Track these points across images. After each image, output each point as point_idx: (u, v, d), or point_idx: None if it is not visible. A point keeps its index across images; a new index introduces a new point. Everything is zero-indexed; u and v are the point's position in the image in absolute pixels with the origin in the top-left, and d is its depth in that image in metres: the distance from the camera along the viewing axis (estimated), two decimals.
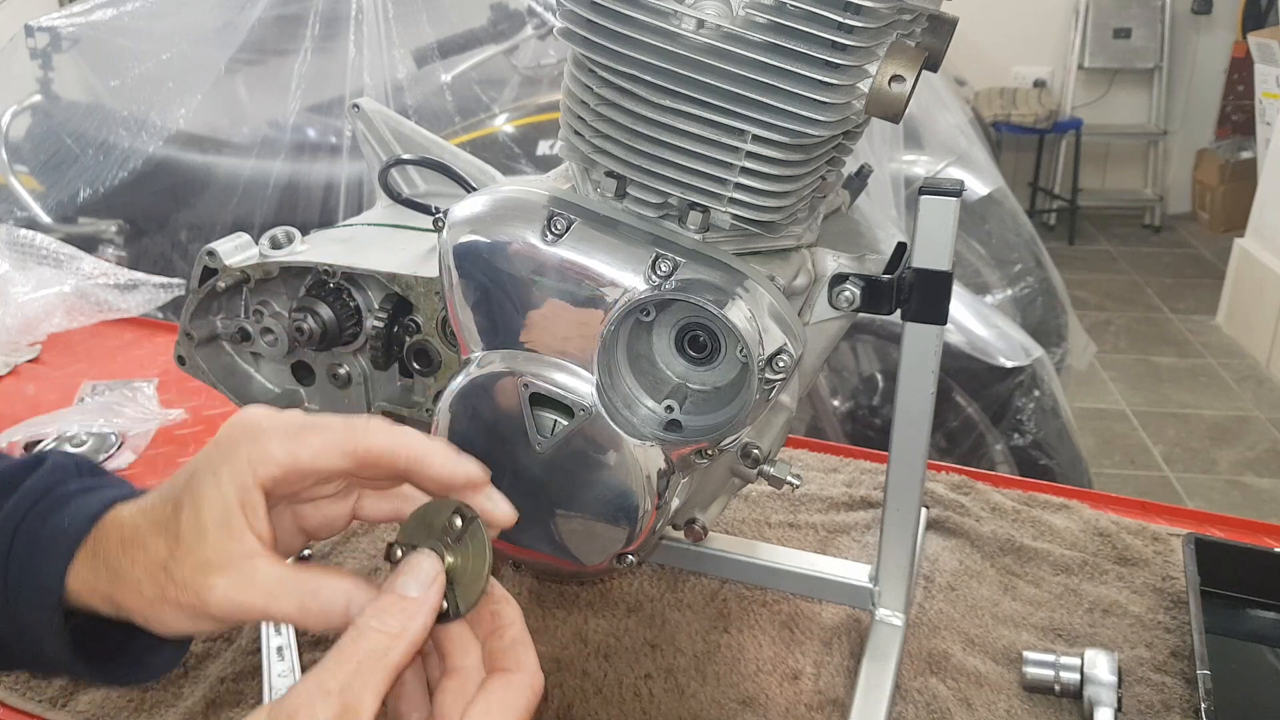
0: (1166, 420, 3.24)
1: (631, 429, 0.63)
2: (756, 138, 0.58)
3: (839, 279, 0.68)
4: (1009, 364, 1.83)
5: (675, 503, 0.66)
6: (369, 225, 0.89)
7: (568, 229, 0.62)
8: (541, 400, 0.65)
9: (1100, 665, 0.76)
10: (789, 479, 0.70)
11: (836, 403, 1.96)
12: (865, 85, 0.57)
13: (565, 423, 0.64)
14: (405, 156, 0.87)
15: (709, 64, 0.56)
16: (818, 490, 1.05)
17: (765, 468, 0.69)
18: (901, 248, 0.72)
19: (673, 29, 0.56)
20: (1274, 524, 0.98)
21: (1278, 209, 3.66)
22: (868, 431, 1.93)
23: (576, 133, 0.63)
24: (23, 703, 0.80)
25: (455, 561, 0.48)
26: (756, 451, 0.67)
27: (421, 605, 0.45)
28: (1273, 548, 0.93)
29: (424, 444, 0.49)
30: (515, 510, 0.50)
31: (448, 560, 0.48)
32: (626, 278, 0.61)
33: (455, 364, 0.77)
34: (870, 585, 0.85)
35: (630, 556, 0.68)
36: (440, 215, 0.68)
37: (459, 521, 0.48)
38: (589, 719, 0.77)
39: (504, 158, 2.09)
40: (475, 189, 0.78)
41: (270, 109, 2.16)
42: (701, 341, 0.64)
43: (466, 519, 0.48)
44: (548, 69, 2.23)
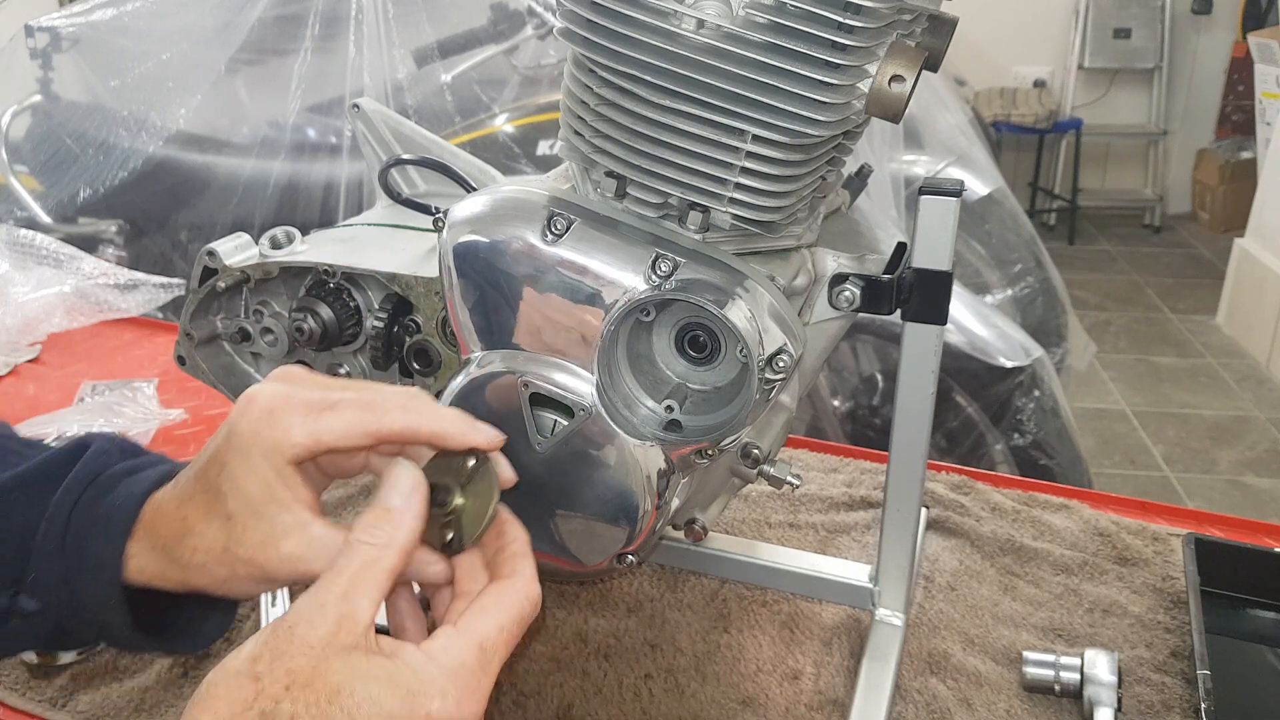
0: (1166, 420, 3.25)
1: (631, 429, 0.63)
2: (756, 138, 0.58)
3: (839, 279, 0.68)
4: (1009, 364, 1.83)
5: (675, 503, 0.66)
6: (369, 225, 0.89)
7: (568, 229, 0.62)
8: (541, 400, 0.64)
9: (1100, 665, 0.76)
10: (789, 479, 0.70)
11: (836, 403, 1.96)
12: (865, 85, 0.57)
13: (565, 423, 0.64)
14: (405, 156, 0.87)
15: (709, 64, 0.56)
16: (818, 490, 1.05)
17: (765, 468, 0.69)
18: (901, 248, 0.72)
19: (673, 29, 0.56)
20: (1274, 524, 0.98)
21: (1278, 209, 3.66)
22: (868, 431, 1.93)
23: (576, 133, 0.63)
24: (23, 703, 0.80)
25: (465, 501, 0.53)
26: (756, 451, 0.67)
27: (405, 512, 0.49)
28: (1273, 548, 0.93)
29: (438, 420, 0.53)
30: (514, 475, 0.56)
31: (457, 500, 0.52)
32: (626, 278, 0.61)
33: (455, 364, 0.77)
34: (870, 585, 0.85)
35: (630, 556, 0.68)
36: (440, 215, 0.68)
37: (471, 463, 0.53)
38: (589, 719, 0.77)
39: (504, 158, 2.09)
40: (475, 189, 0.78)
41: (270, 109, 2.16)
42: (701, 341, 0.64)
43: (480, 460, 0.53)
44: (548, 69, 2.23)
